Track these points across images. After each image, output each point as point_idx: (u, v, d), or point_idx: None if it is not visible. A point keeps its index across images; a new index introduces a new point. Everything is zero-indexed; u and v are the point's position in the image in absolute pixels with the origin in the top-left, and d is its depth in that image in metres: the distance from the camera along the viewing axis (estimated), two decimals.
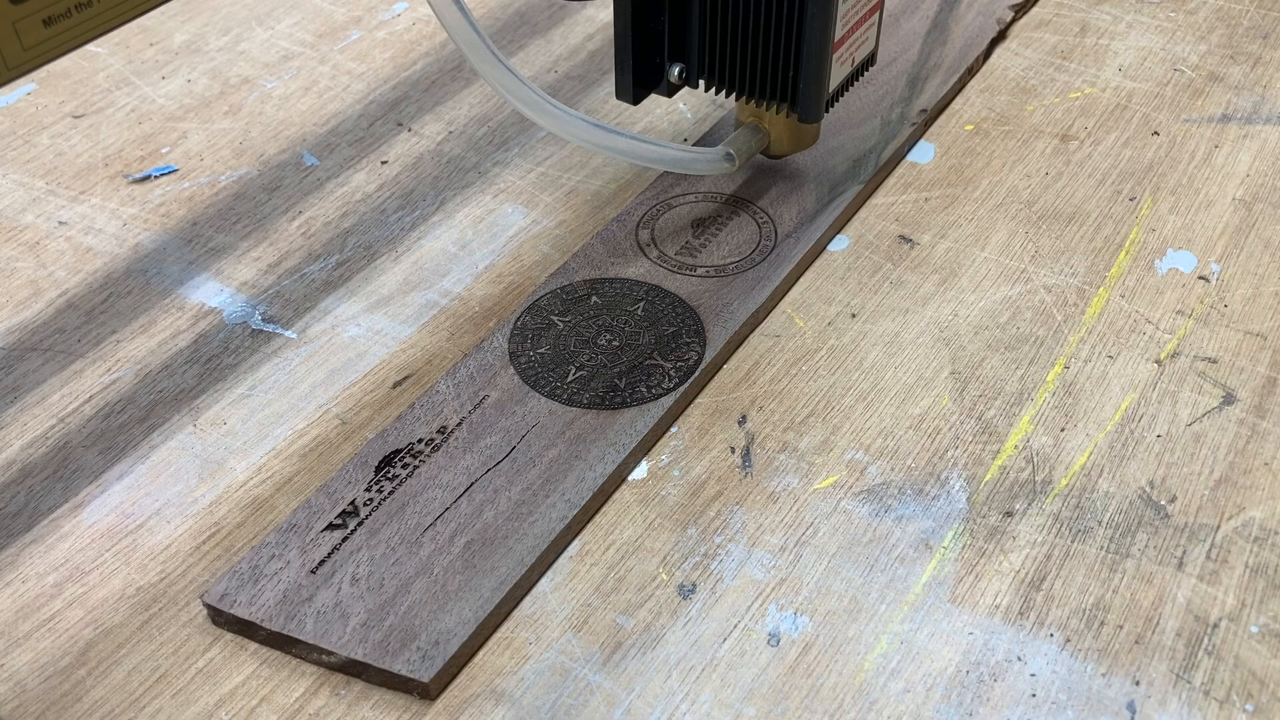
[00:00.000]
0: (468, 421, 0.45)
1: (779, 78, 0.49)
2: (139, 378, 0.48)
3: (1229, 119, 0.61)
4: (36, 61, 0.35)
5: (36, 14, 0.35)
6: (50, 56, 0.36)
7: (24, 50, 0.34)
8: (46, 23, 0.35)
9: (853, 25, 0.49)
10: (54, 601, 0.40)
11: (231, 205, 0.56)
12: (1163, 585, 0.40)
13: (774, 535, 0.42)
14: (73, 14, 0.35)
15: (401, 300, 0.51)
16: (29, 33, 0.34)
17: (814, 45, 0.48)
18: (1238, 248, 0.53)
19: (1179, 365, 0.48)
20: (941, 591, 0.40)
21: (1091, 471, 0.44)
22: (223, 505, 0.43)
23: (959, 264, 0.53)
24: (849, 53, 0.50)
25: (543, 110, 0.48)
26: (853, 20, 0.49)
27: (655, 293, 0.50)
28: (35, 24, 0.35)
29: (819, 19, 0.47)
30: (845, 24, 0.48)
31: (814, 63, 0.48)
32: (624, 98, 0.50)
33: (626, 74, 0.49)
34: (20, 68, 0.35)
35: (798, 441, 0.45)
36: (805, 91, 0.49)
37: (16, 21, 0.34)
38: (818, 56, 0.48)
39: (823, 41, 0.47)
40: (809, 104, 0.49)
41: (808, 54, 0.48)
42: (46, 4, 0.35)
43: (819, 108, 0.50)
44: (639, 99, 0.50)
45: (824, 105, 0.50)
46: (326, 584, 0.39)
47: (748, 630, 0.39)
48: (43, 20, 0.35)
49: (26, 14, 0.34)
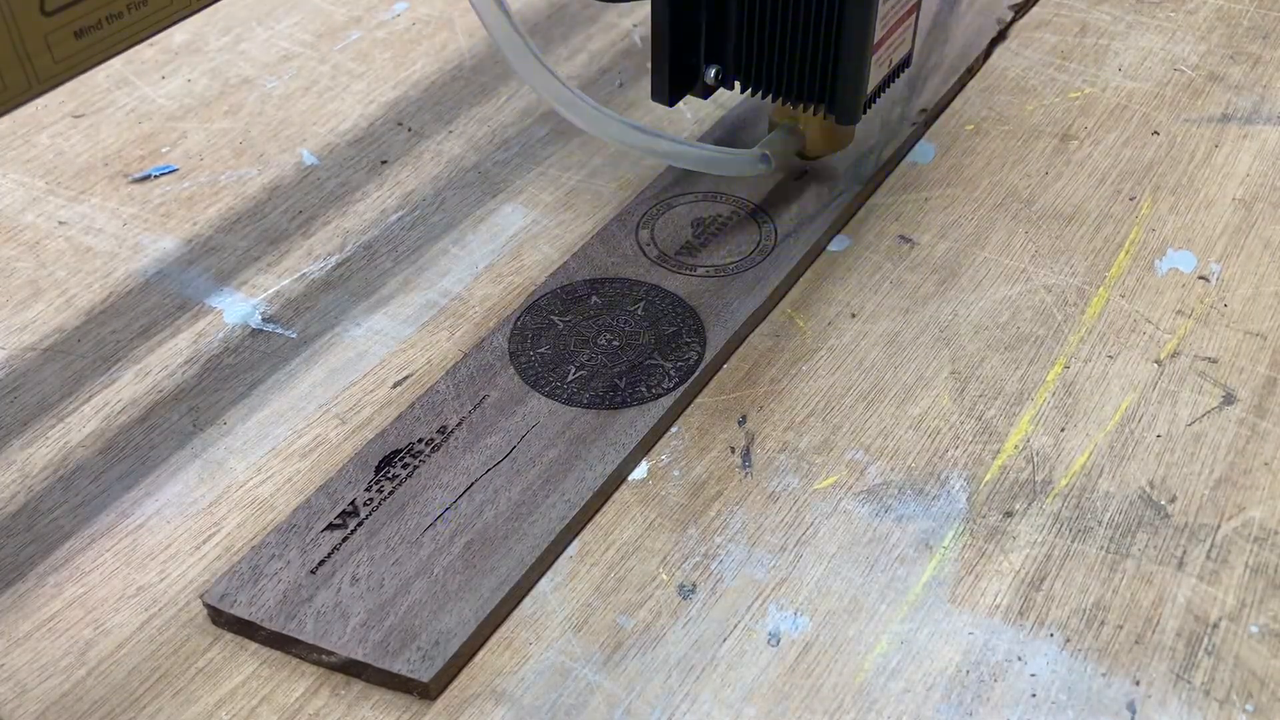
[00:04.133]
0: (468, 421, 0.45)
1: (817, 79, 0.48)
2: (139, 378, 0.48)
3: (1229, 119, 0.61)
4: (67, 74, 0.34)
5: (68, 26, 0.34)
6: (81, 69, 0.35)
7: (55, 63, 0.34)
8: (78, 35, 0.34)
9: (891, 26, 0.48)
10: (54, 602, 0.40)
11: (231, 205, 0.56)
12: (1163, 585, 0.40)
13: (774, 535, 0.42)
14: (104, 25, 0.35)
15: (401, 300, 0.51)
16: (60, 45, 0.34)
17: (854, 47, 0.47)
18: (1238, 248, 0.53)
19: (1179, 365, 0.48)
20: (941, 591, 0.40)
21: (1091, 471, 0.44)
22: (223, 505, 0.43)
23: (959, 264, 0.53)
24: (887, 54, 0.49)
25: (581, 112, 0.48)
26: (891, 21, 0.48)
27: (655, 292, 0.50)
28: (67, 36, 0.34)
29: (859, 21, 0.46)
30: (884, 25, 0.48)
31: (853, 64, 0.47)
32: (659, 99, 0.49)
33: (663, 75, 0.49)
34: (51, 80, 0.34)
35: (798, 441, 0.45)
36: (843, 93, 0.48)
37: (48, 34, 0.33)
38: (857, 58, 0.47)
39: (863, 43, 0.47)
40: (847, 106, 0.49)
41: (847, 56, 0.47)
42: (78, 16, 0.34)
43: (857, 110, 0.49)
44: (675, 100, 0.49)
45: (862, 107, 0.49)
46: (326, 584, 0.39)
47: (748, 630, 0.39)
48: (74, 32, 0.34)
49: (58, 26, 0.34)
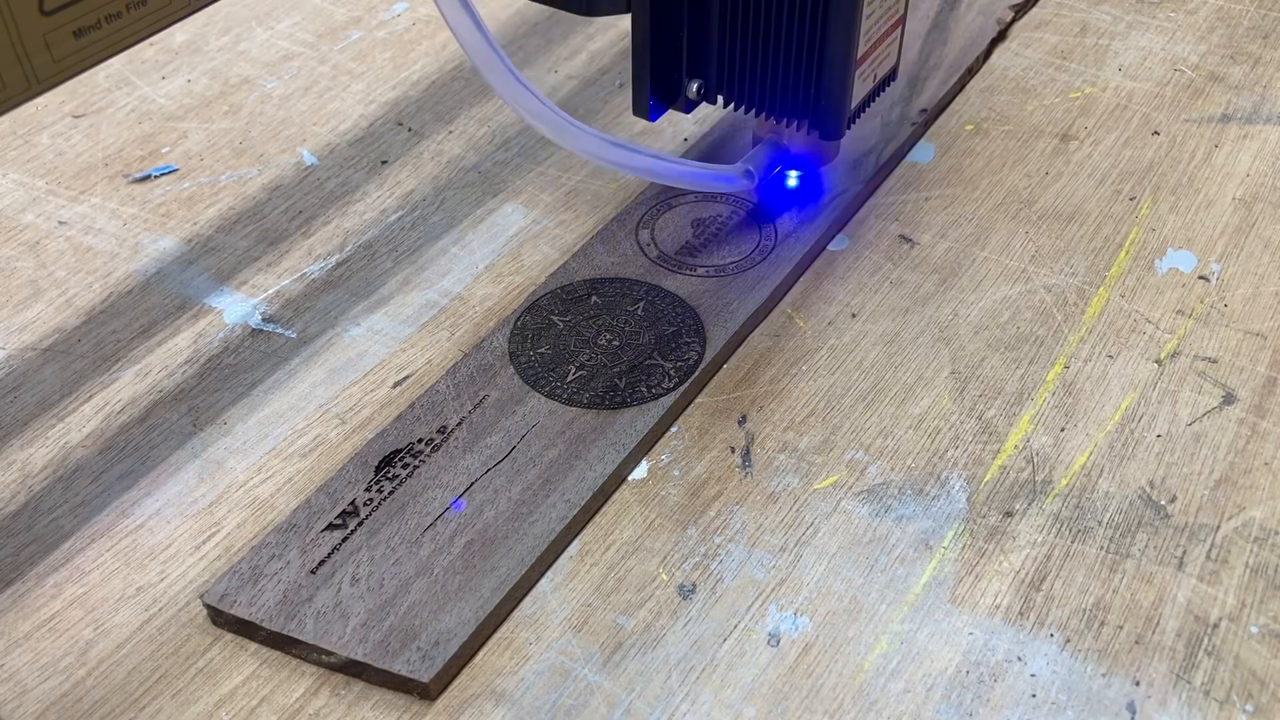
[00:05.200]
0: (468, 421, 0.45)
1: (800, 95, 0.48)
2: (139, 377, 0.48)
3: (1229, 119, 0.61)
4: (66, 74, 0.34)
5: (67, 26, 0.34)
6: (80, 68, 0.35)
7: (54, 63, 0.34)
8: (77, 34, 0.34)
9: (875, 42, 0.48)
10: (54, 601, 0.40)
11: (231, 205, 0.56)
12: (1163, 585, 0.40)
13: (774, 535, 0.42)
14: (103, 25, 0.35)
15: (401, 300, 0.51)
16: (59, 45, 0.34)
17: (837, 63, 0.46)
18: (1238, 247, 0.53)
19: (1179, 365, 0.48)
20: (941, 592, 0.40)
21: (1091, 471, 0.44)
22: (223, 505, 0.43)
23: (959, 264, 0.53)
24: (871, 69, 0.49)
25: (559, 128, 0.48)
26: (875, 36, 0.48)
27: (655, 292, 0.50)
28: (66, 36, 0.34)
29: (842, 37, 0.46)
30: (868, 40, 0.47)
31: (836, 81, 0.47)
32: (640, 114, 0.49)
33: (644, 89, 0.48)
34: (50, 80, 0.34)
35: (798, 441, 0.45)
36: (827, 109, 0.48)
37: (47, 33, 0.33)
38: (840, 74, 0.47)
39: (846, 58, 0.46)
40: (830, 122, 0.48)
41: (830, 71, 0.47)
42: (77, 15, 0.34)
43: (840, 125, 0.48)
44: (656, 115, 0.49)
45: (845, 123, 0.49)
46: (326, 584, 0.39)
47: (748, 630, 0.39)
48: (73, 32, 0.34)
49: (57, 26, 0.33)
